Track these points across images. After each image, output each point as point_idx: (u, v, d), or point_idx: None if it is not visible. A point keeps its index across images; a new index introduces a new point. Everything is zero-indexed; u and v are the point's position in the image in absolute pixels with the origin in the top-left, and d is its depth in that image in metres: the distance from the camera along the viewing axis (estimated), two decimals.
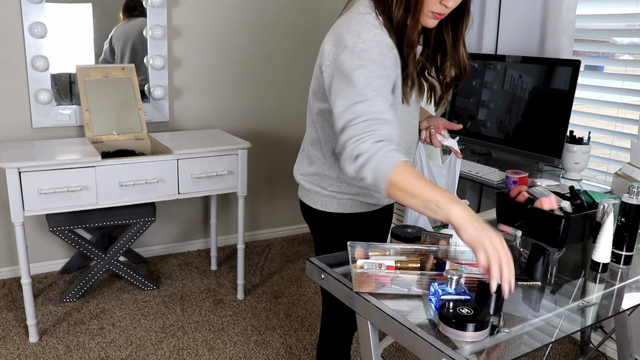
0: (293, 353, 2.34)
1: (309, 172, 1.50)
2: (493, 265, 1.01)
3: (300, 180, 1.54)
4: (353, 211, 1.50)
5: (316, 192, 1.50)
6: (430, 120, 1.59)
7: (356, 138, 1.15)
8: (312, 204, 1.52)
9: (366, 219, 1.53)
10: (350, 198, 1.48)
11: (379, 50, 1.24)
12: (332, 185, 1.47)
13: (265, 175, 3.42)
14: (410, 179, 1.09)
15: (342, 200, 1.48)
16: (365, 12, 1.29)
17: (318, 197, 1.50)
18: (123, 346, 2.33)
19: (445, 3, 1.25)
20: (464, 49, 1.39)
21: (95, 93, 2.62)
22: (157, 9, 2.79)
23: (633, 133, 2.28)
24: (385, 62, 1.25)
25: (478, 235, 1.03)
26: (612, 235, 1.35)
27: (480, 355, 0.98)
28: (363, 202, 1.50)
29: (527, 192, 1.57)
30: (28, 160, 2.14)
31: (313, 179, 1.49)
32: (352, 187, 1.46)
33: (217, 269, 3.09)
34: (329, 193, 1.48)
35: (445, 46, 1.38)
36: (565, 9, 2.32)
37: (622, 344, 1.98)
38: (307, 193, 1.53)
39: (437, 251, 1.26)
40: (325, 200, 1.49)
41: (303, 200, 1.56)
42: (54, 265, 2.95)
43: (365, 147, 1.13)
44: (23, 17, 2.53)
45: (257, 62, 3.20)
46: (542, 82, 2.32)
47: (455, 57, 1.39)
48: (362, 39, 1.24)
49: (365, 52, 1.23)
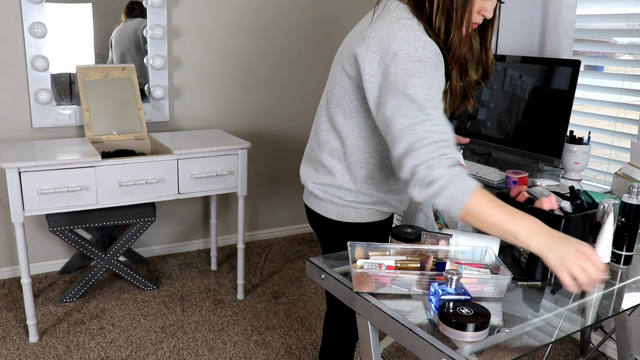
0: (293, 353, 2.34)
1: (326, 183, 1.44)
2: (584, 287, 1.04)
3: (313, 189, 1.47)
4: (370, 220, 1.47)
5: (332, 202, 1.45)
6: None
7: (427, 164, 1.10)
8: (326, 214, 1.47)
9: (382, 227, 1.51)
10: (369, 208, 1.45)
11: (433, 60, 1.19)
12: (350, 195, 1.43)
13: (265, 175, 3.42)
14: (487, 209, 1.08)
15: (361, 210, 1.44)
16: (407, 17, 1.24)
17: (334, 207, 1.45)
18: (123, 346, 2.33)
19: (483, 13, 1.25)
20: (491, 54, 1.38)
21: (95, 93, 2.62)
22: (157, 9, 2.79)
23: (633, 133, 2.28)
24: (439, 74, 1.21)
25: (563, 260, 1.04)
26: (612, 235, 1.35)
27: (480, 355, 0.98)
28: (380, 211, 1.47)
29: (527, 192, 1.57)
30: (28, 160, 2.14)
31: (328, 189, 1.44)
32: (370, 197, 1.43)
33: (217, 269, 3.09)
34: (347, 203, 1.43)
35: (473, 50, 1.35)
36: (565, 9, 2.32)
37: (622, 344, 1.98)
38: (319, 202, 1.48)
39: (437, 251, 1.26)
40: (342, 210, 1.45)
41: (314, 209, 1.50)
42: (54, 265, 2.95)
43: (438, 174, 1.09)
44: (23, 17, 2.53)
45: (257, 62, 3.20)
46: (542, 82, 2.32)
47: (483, 61, 1.37)
48: (414, 47, 1.19)
49: (421, 63, 1.18)
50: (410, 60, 1.18)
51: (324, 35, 3.35)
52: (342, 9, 3.37)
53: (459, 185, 1.08)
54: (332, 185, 1.43)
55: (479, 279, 1.16)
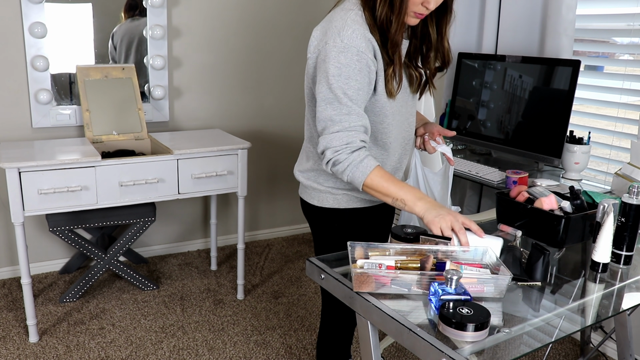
0: (293, 353, 2.34)
1: (306, 168, 1.55)
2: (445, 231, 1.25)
3: (298, 176, 1.58)
4: (349, 206, 1.53)
5: (313, 188, 1.53)
6: (426, 127, 1.64)
7: (334, 149, 1.32)
8: (309, 200, 1.56)
9: (362, 215, 1.55)
10: (345, 193, 1.51)
11: (357, 50, 1.31)
12: (328, 180, 1.51)
13: (265, 175, 3.42)
14: (380, 183, 1.32)
15: (338, 195, 1.51)
16: (349, 9, 1.35)
17: (315, 193, 1.54)
18: (123, 346, 2.33)
19: (426, 5, 1.32)
20: (447, 43, 1.47)
21: (95, 93, 2.62)
22: (157, 9, 2.79)
23: (633, 133, 2.28)
24: (361, 63, 1.32)
25: (438, 218, 1.27)
26: (612, 235, 1.35)
27: (480, 355, 0.98)
28: (358, 198, 1.52)
29: (527, 192, 1.57)
30: (28, 160, 2.14)
31: (310, 175, 1.54)
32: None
33: (217, 269, 3.09)
34: (325, 188, 1.51)
35: (431, 39, 1.45)
36: (565, 9, 2.32)
37: (622, 344, 1.98)
38: (305, 189, 1.58)
39: (437, 251, 1.26)
40: (321, 195, 1.53)
41: (302, 197, 1.60)
42: (54, 265, 2.95)
43: (341, 158, 1.32)
44: (23, 17, 2.53)
45: (257, 62, 3.20)
46: (542, 82, 2.32)
47: (439, 51, 1.47)
48: (341, 37, 1.31)
49: (343, 53, 1.30)
50: (335, 49, 1.31)
51: None
52: None
53: (357, 168, 1.32)
54: (312, 169, 1.53)
55: (479, 279, 1.16)
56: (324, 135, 1.34)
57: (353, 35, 1.30)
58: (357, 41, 1.30)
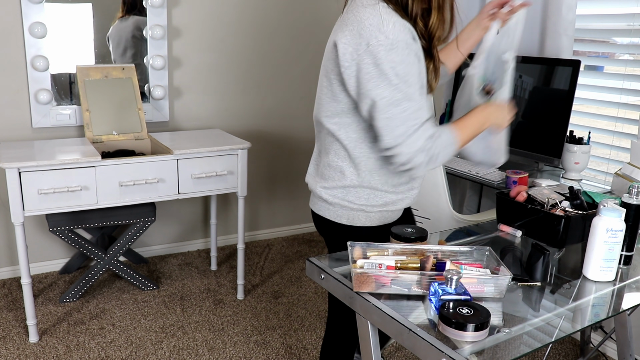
0: (293, 353, 2.34)
1: (335, 185, 1.43)
2: None
3: (322, 193, 1.46)
4: (381, 223, 1.46)
5: (342, 206, 1.44)
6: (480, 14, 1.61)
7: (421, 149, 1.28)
8: (336, 219, 1.46)
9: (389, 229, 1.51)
10: (380, 210, 1.44)
11: (404, 42, 1.24)
12: (360, 198, 1.42)
13: (265, 175, 3.42)
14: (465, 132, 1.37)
15: (371, 213, 1.44)
16: (373, 4, 1.26)
17: (344, 211, 1.44)
18: (123, 346, 2.33)
19: None
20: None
21: (95, 93, 2.62)
22: (157, 9, 2.79)
23: (633, 133, 2.28)
24: (412, 55, 1.26)
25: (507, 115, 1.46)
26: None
27: (480, 355, 0.98)
28: (390, 211, 1.46)
29: (527, 192, 1.57)
30: (28, 160, 2.14)
31: (338, 193, 1.43)
32: (384, 195, 1.43)
33: (217, 269, 3.09)
34: (358, 206, 1.43)
35: None
36: (565, 9, 2.32)
37: (622, 344, 1.98)
38: (329, 207, 1.46)
39: (437, 251, 1.26)
40: (352, 214, 1.44)
41: (322, 214, 1.49)
42: (54, 265, 2.95)
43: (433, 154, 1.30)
44: (23, 17, 2.53)
45: (257, 62, 3.20)
46: (542, 82, 2.32)
47: None
48: (384, 33, 1.22)
49: (393, 50, 1.22)
50: (383, 48, 1.22)
51: (324, 35, 3.34)
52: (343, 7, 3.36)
53: (444, 145, 1.31)
54: (342, 187, 1.42)
55: (479, 279, 1.16)
56: (404, 143, 1.26)
57: (395, 28, 1.22)
58: (401, 34, 1.23)
